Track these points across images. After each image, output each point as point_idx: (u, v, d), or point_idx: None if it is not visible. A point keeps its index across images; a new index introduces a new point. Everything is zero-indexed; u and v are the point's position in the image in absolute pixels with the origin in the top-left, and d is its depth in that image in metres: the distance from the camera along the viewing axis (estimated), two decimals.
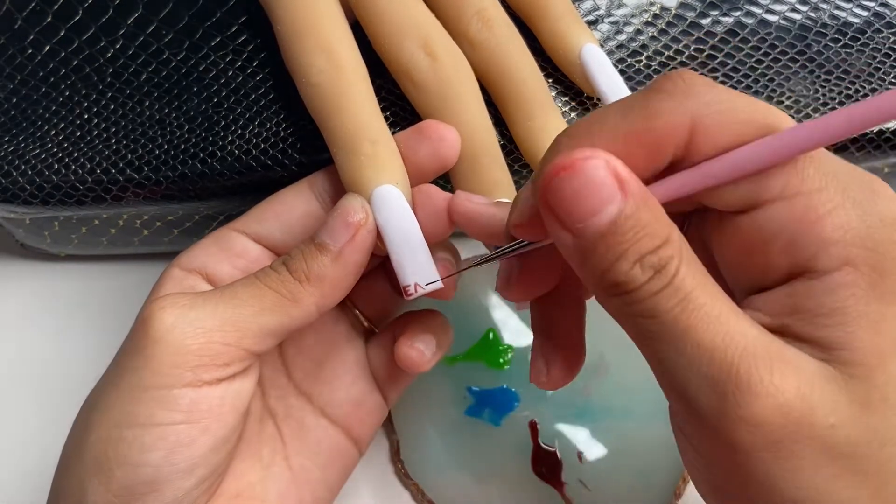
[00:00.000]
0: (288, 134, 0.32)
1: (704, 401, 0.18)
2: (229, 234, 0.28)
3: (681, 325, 0.18)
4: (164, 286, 0.27)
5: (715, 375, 0.18)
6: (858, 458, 0.18)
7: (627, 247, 0.18)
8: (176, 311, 0.23)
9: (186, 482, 0.23)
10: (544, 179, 0.19)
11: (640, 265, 0.18)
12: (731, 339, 0.18)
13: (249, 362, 0.24)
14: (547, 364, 0.24)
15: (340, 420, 0.29)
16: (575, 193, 0.18)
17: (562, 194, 0.19)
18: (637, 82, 0.33)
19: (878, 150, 0.33)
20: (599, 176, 0.18)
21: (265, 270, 0.25)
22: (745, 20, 0.34)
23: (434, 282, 0.25)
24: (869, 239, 0.19)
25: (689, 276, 0.18)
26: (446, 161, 0.28)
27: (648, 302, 0.18)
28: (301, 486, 0.28)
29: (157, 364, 0.23)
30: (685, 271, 0.18)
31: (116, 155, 0.32)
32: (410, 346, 0.28)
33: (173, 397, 0.23)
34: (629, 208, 0.18)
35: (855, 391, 0.18)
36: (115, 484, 0.23)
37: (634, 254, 0.18)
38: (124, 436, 0.23)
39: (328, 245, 0.25)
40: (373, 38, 0.30)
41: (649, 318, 0.18)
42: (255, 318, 0.24)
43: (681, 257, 0.18)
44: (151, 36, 0.33)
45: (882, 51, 0.34)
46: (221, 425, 0.24)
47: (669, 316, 0.18)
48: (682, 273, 0.18)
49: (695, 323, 0.18)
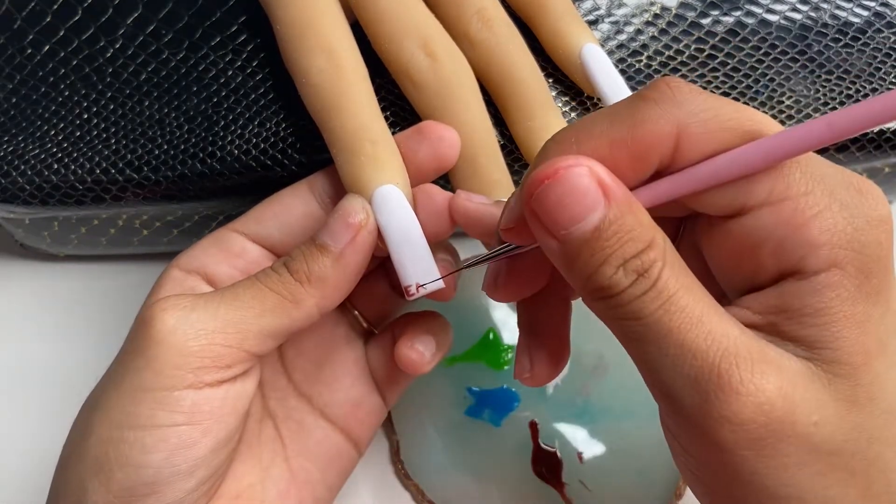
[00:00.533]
0: (287, 134, 0.32)
1: (688, 401, 0.18)
2: (228, 234, 0.28)
3: (664, 326, 0.18)
4: (163, 287, 0.27)
5: (697, 375, 0.18)
6: (844, 456, 0.19)
7: (611, 252, 0.19)
8: (178, 312, 0.23)
9: (187, 483, 0.23)
10: (529, 187, 0.19)
11: (624, 269, 0.19)
12: (713, 340, 0.18)
13: (250, 364, 0.24)
14: (531, 360, 0.25)
15: (340, 421, 0.29)
16: (559, 201, 0.19)
17: (546, 202, 0.19)
18: (637, 82, 0.33)
19: (879, 150, 0.33)
20: (583, 183, 0.19)
21: (266, 272, 0.25)
22: (745, 20, 0.34)
23: (435, 281, 0.25)
24: (856, 241, 0.19)
25: (673, 279, 0.19)
26: (446, 161, 0.27)
27: (632, 305, 0.19)
28: (301, 487, 0.28)
29: (159, 365, 0.23)
30: (668, 274, 0.19)
31: (116, 155, 0.32)
32: (410, 348, 0.28)
33: (175, 399, 0.23)
34: (612, 214, 0.19)
35: (840, 390, 0.19)
36: (116, 485, 0.23)
37: (618, 258, 0.19)
38: (125, 437, 0.23)
39: (329, 246, 0.25)
40: (372, 38, 0.30)
41: (633, 320, 0.19)
42: (257, 319, 0.24)
43: (664, 260, 0.19)
44: (151, 36, 0.33)
45: (882, 51, 0.34)
46: (222, 427, 0.24)
47: (653, 318, 0.19)
48: (665, 276, 0.19)
49: (678, 324, 0.18)
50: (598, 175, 0.19)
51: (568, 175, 0.19)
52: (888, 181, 0.36)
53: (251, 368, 0.25)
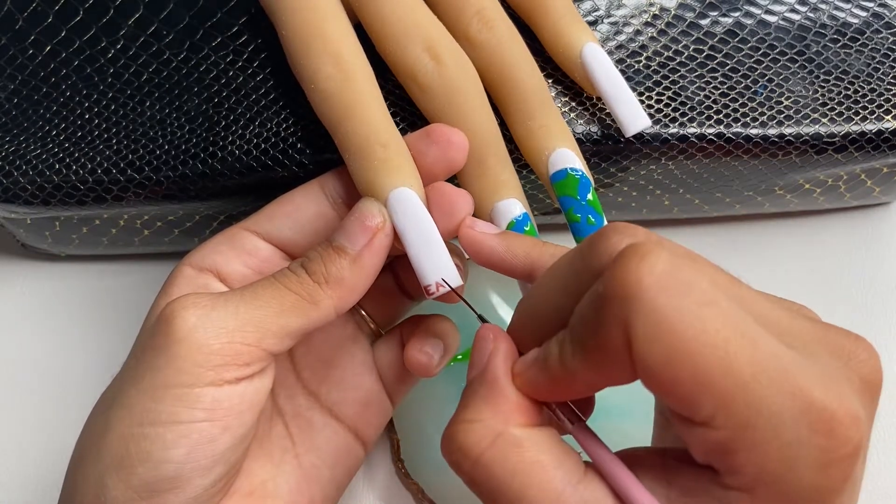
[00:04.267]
0: (288, 134, 0.32)
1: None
2: (240, 232, 0.28)
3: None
4: (176, 285, 0.27)
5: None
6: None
7: None
8: (198, 311, 0.23)
9: (206, 479, 0.23)
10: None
11: None
12: None
13: (268, 362, 0.25)
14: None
15: (348, 420, 0.29)
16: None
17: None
18: (637, 82, 0.33)
19: (877, 151, 0.33)
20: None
21: (284, 272, 0.25)
22: (744, 20, 0.35)
23: (455, 278, 0.26)
24: (785, 482, 0.18)
25: None
26: (455, 164, 0.28)
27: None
28: (311, 484, 0.28)
29: (180, 363, 0.23)
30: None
31: (117, 155, 0.32)
32: (420, 351, 0.28)
33: (196, 396, 0.23)
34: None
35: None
36: (137, 480, 0.23)
37: None
38: (147, 433, 0.23)
39: (346, 248, 0.25)
40: (376, 41, 0.30)
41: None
42: (276, 318, 0.24)
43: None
44: (152, 36, 0.33)
45: (881, 51, 0.34)
46: (241, 423, 0.24)
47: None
48: None
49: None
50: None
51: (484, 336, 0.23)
52: (886, 181, 0.36)
53: (268, 366, 0.25)
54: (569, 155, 0.29)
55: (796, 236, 0.39)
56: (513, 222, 0.28)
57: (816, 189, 0.36)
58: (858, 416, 0.18)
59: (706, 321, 0.18)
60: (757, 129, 0.33)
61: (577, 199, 0.29)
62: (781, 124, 0.33)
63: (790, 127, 0.33)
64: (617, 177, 0.34)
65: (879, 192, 0.37)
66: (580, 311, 0.20)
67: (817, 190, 0.36)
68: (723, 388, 0.18)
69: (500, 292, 0.35)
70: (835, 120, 0.33)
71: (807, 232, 0.39)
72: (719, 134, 0.32)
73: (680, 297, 0.18)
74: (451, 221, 0.26)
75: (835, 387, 0.18)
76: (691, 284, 0.18)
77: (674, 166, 0.34)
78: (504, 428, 0.21)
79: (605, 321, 0.18)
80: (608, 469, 0.21)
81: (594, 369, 0.20)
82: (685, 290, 0.18)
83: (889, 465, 0.34)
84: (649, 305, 0.18)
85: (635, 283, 0.18)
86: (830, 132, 0.33)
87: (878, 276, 0.38)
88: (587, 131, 0.32)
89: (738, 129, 0.33)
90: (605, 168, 0.33)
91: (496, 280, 0.34)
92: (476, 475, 0.21)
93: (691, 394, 0.18)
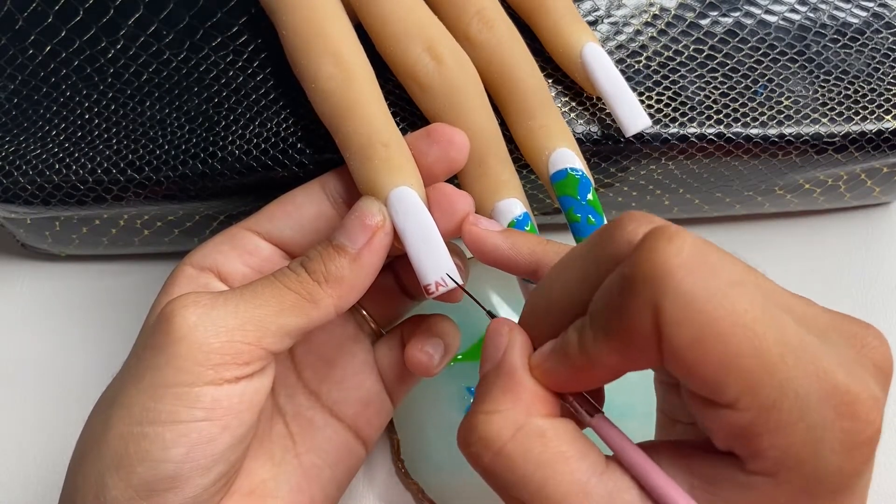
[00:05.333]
0: (288, 134, 0.32)
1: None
2: (241, 232, 0.28)
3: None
4: (177, 284, 0.27)
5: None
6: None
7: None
8: (199, 309, 0.23)
9: (205, 479, 0.23)
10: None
11: None
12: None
13: (267, 361, 0.25)
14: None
15: (349, 419, 0.29)
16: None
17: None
18: (637, 82, 0.33)
19: (878, 151, 0.33)
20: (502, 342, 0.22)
21: (283, 271, 0.25)
22: (744, 20, 0.35)
23: (455, 278, 0.25)
24: (810, 465, 0.18)
25: None
26: (456, 164, 0.28)
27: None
28: (312, 483, 0.28)
29: (180, 362, 0.23)
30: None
31: (117, 155, 0.32)
32: (420, 350, 0.28)
33: (195, 395, 0.23)
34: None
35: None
36: (137, 479, 0.23)
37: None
38: (146, 432, 0.23)
39: (346, 247, 0.25)
40: (376, 40, 0.30)
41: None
42: (276, 318, 0.24)
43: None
44: (152, 36, 0.33)
45: (881, 51, 0.34)
46: (240, 423, 0.24)
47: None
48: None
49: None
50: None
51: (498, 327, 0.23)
52: (887, 181, 0.36)
53: (267, 366, 0.25)
54: (569, 155, 0.29)
55: (796, 236, 0.39)
56: (513, 222, 0.28)
57: (816, 189, 0.36)
58: (879, 399, 0.18)
59: (735, 301, 0.18)
60: (757, 129, 0.33)
61: (578, 198, 0.29)
62: (781, 124, 0.33)
63: (790, 127, 0.33)
64: (617, 177, 0.34)
65: (879, 192, 0.37)
66: (602, 297, 0.20)
67: (817, 190, 0.36)
68: (750, 369, 0.18)
69: (500, 293, 0.35)
70: (835, 120, 0.33)
71: (807, 232, 0.39)
72: (719, 134, 0.33)
73: (708, 277, 0.18)
74: (452, 221, 0.26)
75: (856, 370, 0.18)
76: (718, 266, 0.18)
77: (674, 166, 0.34)
78: (526, 419, 0.20)
79: (633, 303, 0.18)
80: (631, 459, 0.20)
81: (618, 353, 0.19)
82: (713, 271, 0.18)
83: (889, 465, 0.34)
84: (679, 286, 0.18)
85: (663, 265, 0.18)
86: (830, 132, 0.33)
87: (878, 276, 0.38)
88: (587, 131, 0.32)
89: (738, 129, 0.33)
90: (605, 168, 0.33)
91: (496, 280, 0.34)
92: (496, 467, 0.20)
93: (718, 375, 0.18)
